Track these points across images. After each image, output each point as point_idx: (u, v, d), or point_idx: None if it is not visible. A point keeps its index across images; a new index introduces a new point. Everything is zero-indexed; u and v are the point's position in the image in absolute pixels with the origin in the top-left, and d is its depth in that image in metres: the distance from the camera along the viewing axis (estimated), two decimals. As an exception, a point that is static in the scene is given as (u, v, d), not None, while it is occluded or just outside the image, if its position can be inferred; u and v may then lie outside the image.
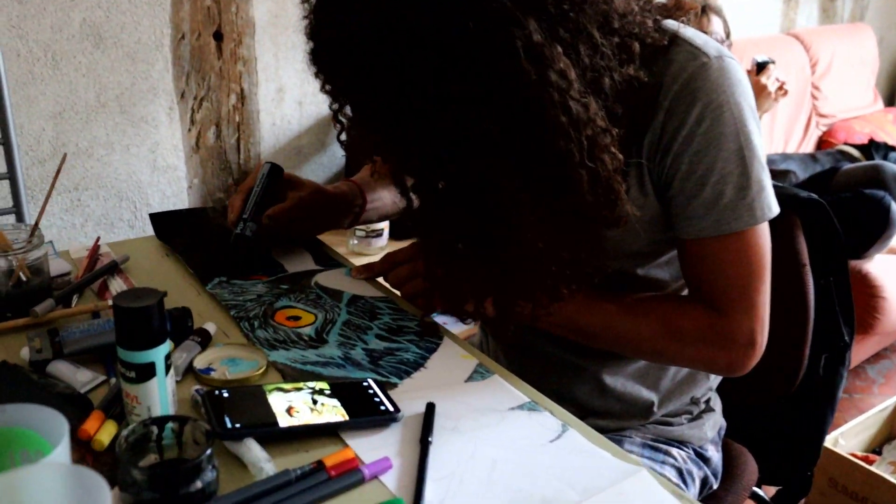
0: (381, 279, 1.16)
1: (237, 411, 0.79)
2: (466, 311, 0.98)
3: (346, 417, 0.80)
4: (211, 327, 0.97)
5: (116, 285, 1.09)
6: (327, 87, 0.88)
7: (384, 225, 2.24)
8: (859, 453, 2.12)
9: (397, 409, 0.82)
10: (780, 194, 1.13)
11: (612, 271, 0.97)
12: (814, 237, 1.24)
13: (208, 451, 0.68)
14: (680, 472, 1.13)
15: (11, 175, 1.77)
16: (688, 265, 1.00)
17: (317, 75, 0.86)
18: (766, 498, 1.36)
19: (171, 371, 0.77)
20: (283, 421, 0.78)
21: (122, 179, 2.05)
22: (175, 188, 2.14)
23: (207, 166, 2.20)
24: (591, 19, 0.82)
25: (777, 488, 1.39)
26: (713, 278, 0.97)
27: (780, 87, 2.27)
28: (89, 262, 1.15)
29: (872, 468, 1.97)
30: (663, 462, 1.12)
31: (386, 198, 1.31)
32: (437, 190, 0.85)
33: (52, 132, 1.94)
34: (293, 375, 0.90)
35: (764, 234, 0.96)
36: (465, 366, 0.94)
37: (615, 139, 0.84)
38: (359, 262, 1.20)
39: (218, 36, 2.11)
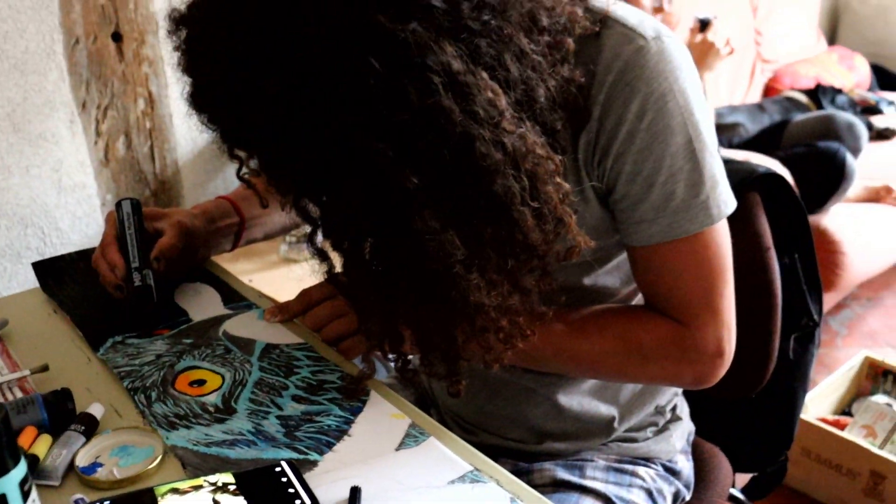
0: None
1: (120, 532, 0.66)
2: (404, 355, 0.85)
3: (254, 524, 0.68)
4: (97, 409, 0.83)
5: (-9, 360, 0.95)
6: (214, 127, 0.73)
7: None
8: (830, 417, 2.06)
9: None
10: (735, 171, 1.05)
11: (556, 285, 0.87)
12: (774, 212, 1.14)
13: None
14: (650, 493, 1.04)
15: None
16: (641, 273, 0.90)
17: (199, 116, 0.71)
18: (744, 499, 1.28)
19: (33, 496, 0.64)
20: (177, 538, 0.66)
21: (24, 205, 1.87)
22: (86, 207, 1.96)
23: (120, 180, 2.03)
24: (516, 24, 0.69)
25: (751, 475, 1.30)
26: (671, 287, 0.87)
27: (727, 43, 2.15)
28: (-39, 332, 1.00)
29: (844, 434, 1.91)
30: (630, 485, 1.03)
31: (272, 215, 1.17)
32: (363, 247, 0.73)
33: (-63, 160, 1.75)
34: (194, 463, 0.77)
35: (722, 232, 0.86)
36: (396, 428, 0.82)
37: (559, 165, 0.72)
38: (291, 273, 1.05)
39: (117, 37, 1.92)
